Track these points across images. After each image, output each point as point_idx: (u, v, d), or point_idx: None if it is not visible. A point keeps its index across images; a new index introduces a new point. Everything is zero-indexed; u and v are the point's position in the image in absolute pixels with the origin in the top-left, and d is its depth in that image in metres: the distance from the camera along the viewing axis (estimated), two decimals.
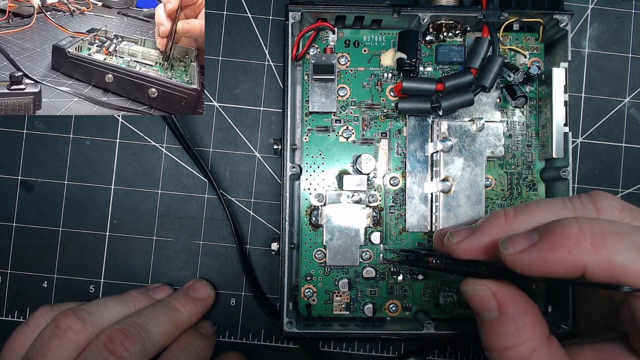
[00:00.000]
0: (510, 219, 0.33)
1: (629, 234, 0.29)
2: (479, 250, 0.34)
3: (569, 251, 0.29)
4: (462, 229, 0.35)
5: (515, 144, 0.48)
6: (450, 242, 0.35)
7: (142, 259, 0.51)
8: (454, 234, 0.35)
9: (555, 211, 0.32)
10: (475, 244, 0.34)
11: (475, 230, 0.34)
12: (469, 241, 0.34)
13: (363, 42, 0.48)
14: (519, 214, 0.33)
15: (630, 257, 0.28)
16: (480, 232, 0.34)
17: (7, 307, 0.51)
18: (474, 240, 0.34)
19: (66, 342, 0.40)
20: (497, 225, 0.33)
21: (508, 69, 0.47)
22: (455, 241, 0.35)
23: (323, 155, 0.48)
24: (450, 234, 0.36)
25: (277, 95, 0.51)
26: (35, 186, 0.51)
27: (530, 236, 0.30)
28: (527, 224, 0.33)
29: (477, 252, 0.34)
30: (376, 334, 0.45)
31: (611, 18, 0.52)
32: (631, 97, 0.51)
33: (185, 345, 0.44)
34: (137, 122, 0.51)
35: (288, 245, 0.45)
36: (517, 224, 0.33)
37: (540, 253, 0.30)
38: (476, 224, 0.35)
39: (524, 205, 0.34)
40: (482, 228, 0.34)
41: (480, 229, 0.34)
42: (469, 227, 0.35)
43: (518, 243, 0.31)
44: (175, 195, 0.51)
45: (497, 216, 0.34)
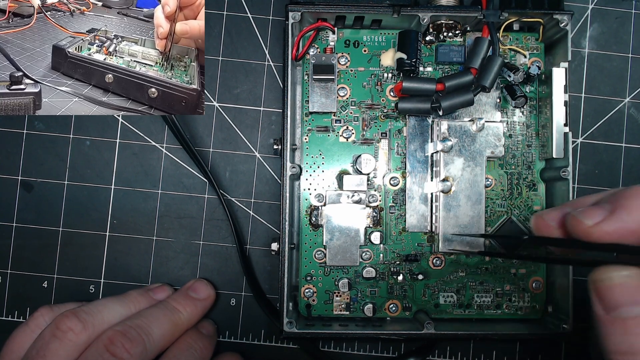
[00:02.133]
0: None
1: None
2: (625, 232, 0.28)
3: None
4: (592, 209, 0.30)
5: (515, 144, 0.48)
6: (580, 224, 0.30)
7: (142, 259, 0.51)
8: (586, 215, 0.30)
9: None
10: (621, 224, 0.28)
11: (616, 208, 0.29)
12: (612, 222, 0.29)
13: (363, 42, 0.48)
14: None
15: None
16: (624, 210, 0.28)
17: (7, 307, 0.51)
18: (618, 221, 0.28)
19: (66, 343, 0.40)
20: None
21: (508, 69, 0.47)
22: (591, 223, 0.29)
23: (323, 155, 0.48)
24: (579, 215, 0.30)
25: (277, 95, 0.51)
26: (35, 186, 0.51)
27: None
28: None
29: (621, 235, 0.28)
30: (376, 334, 0.45)
31: (611, 18, 0.52)
32: (631, 97, 0.51)
33: (185, 347, 0.44)
34: (137, 122, 0.51)
35: (288, 245, 0.45)
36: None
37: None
38: (607, 202, 0.30)
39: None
40: (627, 206, 0.29)
41: (623, 207, 0.29)
42: (600, 205, 0.30)
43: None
44: (175, 195, 0.51)
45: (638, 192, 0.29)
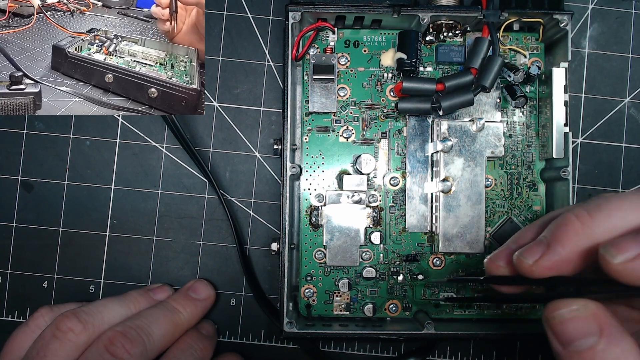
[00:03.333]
0: (586, 221, 0.29)
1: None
2: (560, 264, 0.30)
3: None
4: (530, 247, 0.31)
5: (516, 144, 0.48)
6: (524, 264, 0.31)
7: (142, 259, 0.51)
8: (526, 254, 0.31)
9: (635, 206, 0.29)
10: (557, 258, 0.30)
11: (551, 243, 0.30)
12: (549, 257, 0.30)
13: (363, 42, 0.48)
14: (595, 215, 0.29)
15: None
16: (558, 244, 0.30)
17: (7, 307, 0.51)
18: (554, 254, 0.30)
19: (66, 343, 0.40)
20: (574, 232, 0.29)
21: (508, 69, 0.47)
22: (531, 261, 0.31)
23: (323, 155, 0.48)
24: (520, 255, 0.31)
25: (277, 95, 0.51)
26: (35, 186, 0.51)
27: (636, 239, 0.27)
28: (608, 225, 0.29)
29: (561, 268, 0.30)
30: (376, 334, 0.45)
31: (611, 18, 0.52)
32: (631, 97, 0.51)
33: (186, 347, 0.44)
34: (137, 122, 0.51)
35: (288, 246, 0.45)
36: (596, 225, 0.29)
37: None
38: (544, 236, 0.31)
39: (594, 204, 0.30)
40: (559, 239, 0.30)
41: (556, 240, 0.30)
42: (537, 241, 0.31)
43: (626, 247, 0.27)
44: (175, 195, 0.51)
45: (569, 222, 0.30)
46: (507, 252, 0.34)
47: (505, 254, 0.34)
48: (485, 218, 0.46)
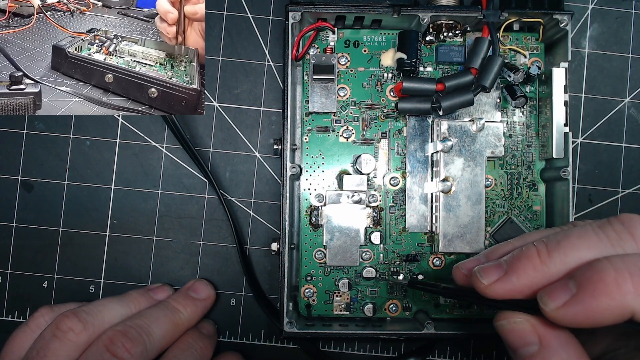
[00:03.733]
0: (545, 259, 0.31)
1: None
2: (513, 293, 0.32)
3: (613, 298, 0.27)
4: (490, 267, 0.33)
5: (515, 144, 0.48)
6: (480, 283, 0.33)
7: (142, 259, 0.51)
8: (484, 274, 0.33)
9: (591, 246, 0.30)
10: (510, 287, 0.32)
11: (508, 271, 0.32)
12: (502, 284, 0.32)
13: (363, 42, 0.48)
14: (553, 253, 0.31)
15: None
16: (514, 274, 0.32)
17: (7, 307, 0.51)
18: (508, 283, 0.32)
19: (67, 343, 0.40)
20: (532, 267, 0.31)
21: (508, 69, 0.47)
22: (486, 283, 0.32)
23: (323, 155, 0.48)
24: (479, 273, 0.33)
25: (277, 95, 0.51)
26: (35, 186, 0.51)
27: (568, 287, 0.29)
28: (563, 264, 0.30)
29: (512, 295, 0.32)
30: (376, 334, 0.45)
31: (611, 18, 0.52)
32: (631, 97, 0.51)
33: (186, 347, 0.44)
34: (137, 122, 0.51)
35: (288, 246, 0.45)
36: (553, 264, 0.31)
37: (583, 305, 0.28)
38: (506, 260, 0.33)
39: (556, 241, 0.31)
40: (516, 270, 0.32)
41: (513, 270, 0.32)
42: (498, 263, 0.33)
43: (557, 297, 0.29)
44: (175, 195, 0.51)
45: (530, 256, 0.31)
46: (476, 263, 0.35)
47: (474, 265, 0.35)
48: (485, 218, 0.46)
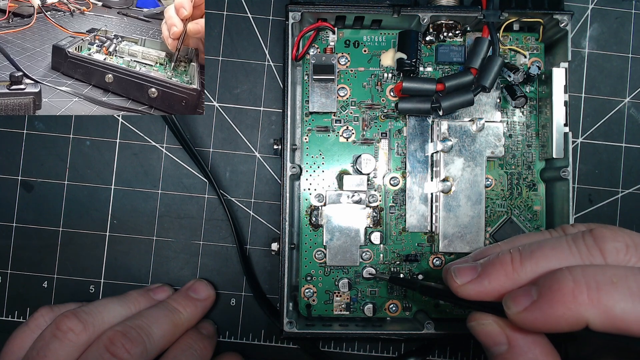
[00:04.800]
0: (517, 266, 0.32)
1: (623, 281, 0.28)
2: (484, 295, 0.33)
3: (568, 307, 0.28)
4: (466, 268, 0.34)
5: (515, 144, 0.48)
6: (453, 282, 0.34)
7: (142, 259, 0.51)
8: (458, 273, 0.34)
9: (561, 257, 0.31)
10: (481, 289, 0.33)
11: (481, 274, 0.33)
12: (474, 286, 0.33)
13: (363, 42, 0.48)
14: (525, 261, 0.32)
15: (627, 305, 0.27)
16: (486, 278, 0.33)
17: (7, 307, 0.51)
18: (479, 285, 0.33)
19: (67, 343, 0.40)
20: (504, 274, 0.32)
21: (508, 69, 0.47)
22: (459, 282, 0.34)
23: (323, 155, 0.48)
24: (453, 272, 0.34)
25: (277, 95, 0.51)
26: (35, 186, 0.51)
27: (530, 293, 0.30)
28: (533, 272, 0.32)
29: (482, 297, 0.33)
30: (376, 334, 0.45)
31: (611, 18, 0.52)
32: (631, 97, 0.51)
33: (186, 347, 0.44)
34: (137, 122, 0.51)
35: (288, 246, 0.45)
36: (523, 272, 0.32)
37: (541, 311, 0.29)
38: (481, 263, 0.34)
39: (529, 251, 0.32)
40: (489, 274, 0.33)
41: (486, 274, 0.33)
42: (473, 266, 0.34)
43: (520, 302, 0.30)
44: (175, 195, 0.51)
45: (504, 262, 0.33)
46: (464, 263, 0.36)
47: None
48: (485, 218, 0.46)
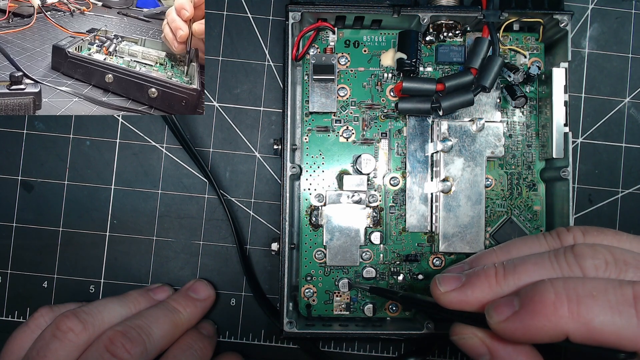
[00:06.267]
0: (500, 280, 0.33)
1: (602, 294, 0.28)
2: (465, 304, 0.33)
3: (549, 319, 0.29)
4: (450, 277, 0.34)
5: (515, 144, 0.48)
6: (437, 289, 0.34)
7: (142, 259, 0.51)
8: (442, 281, 0.34)
9: (543, 273, 0.32)
10: (463, 298, 0.33)
11: (465, 284, 0.34)
12: (457, 295, 0.33)
13: (363, 42, 0.48)
14: (509, 276, 0.32)
15: (606, 318, 0.28)
16: (469, 288, 0.33)
17: (7, 307, 0.51)
18: (462, 295, 0.33)
19: (67, 343, 0.40)
20: (487, 285, 0.33)
21: (508, 69, 0.47)
22: (442, 290, 0.34)
23: (323, 155, 0.48)
24: (438, 280, 0.34)
25: (277, 95, 0.51)
26: (35, 186, 0.51)
27: (512, 303, 0.30)
28: (515, 286, 0.32)
29: (463, 306, 0.33)
30: (376, 334, 0.45)
31: (611, 18, 0.52)
32: (631, 97, 0.51)
33: (186, 347, 0.44)
34: (137, 122, 0.51)
35: (288, 246, 0.45)
36: (506, 285, 0.32)
37: (522, 322, 0.29)
38: (466, 273, 0.34)
39: (513, 265, 0.33)
40: (472, 284, 0.33)
41: (469, 284, 0.33)
42: (457, 275, 0.34)
43: (501, 311, 0.30)
44: (175, 195, 0.51)
45: (488, 275, 0.33)
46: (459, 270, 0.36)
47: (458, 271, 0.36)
48: (485, 218, 0.46)
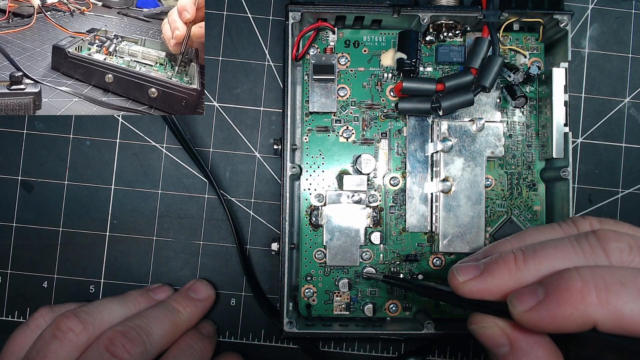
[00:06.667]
0: (520, 265, 0.32)
1: (632, 282, 0.28)
2: (485, 293, 0.32)
3: (576, 307, 0.28)
4: (468, 266, 0.33)
5: (515, 144, 0.48)
6: (455, 279, 0.33)
7: (142, 259, 0.51)
8: (460, 271, 0.33)
9: (565, 257, 0.31)
10: (483, 287, 0.32)
11: (484, 272, 0.33)
12: (477, 283, 0.32)
13: (363, 42, 0.48)
14: (529, 260, 0.31)
15: (636, 306, 0.27)
16: (489, 275, 0.32)
17: (7, 307, 0.51)
18: (482, 283, 0.32)
19: (67, 343, 0.40)
20: (507, 272, 0.32)
21: (508, 69, 0.47)
22: (461, 280, 0.33)
23: (323, 155, 0.48)
24: (456, 270, 0.34)
25: (277, 95, 0.51)
26: (35, 186, 0.51)
27: (536, 292, 0.29)
28: (537, 272, 0.31)
29: (484, 295, 0.32)
30: (376, 334, 0.45)
31: (611, 18, 0.52)
32: (631, 97, 0.51)
33: (186, 347, 0.44)
34: (137, 122, 0.51)
35: (288, 246, 0.45)
36: (527, 270, 0.31)
37: (548, 311, 0.29)
38: (484, 262, 0.33)
39: (533, 250, 0.32)
40: (492, 272, 0.32)
41: (489, 272, 0.32)
42: (475, 264, 0.33)
43: (525, 301, 0.30)
44: (175, 195, 0.51)
45: (507, 261, 0.32)
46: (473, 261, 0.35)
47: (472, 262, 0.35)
48: (485, 218, 0.46)
